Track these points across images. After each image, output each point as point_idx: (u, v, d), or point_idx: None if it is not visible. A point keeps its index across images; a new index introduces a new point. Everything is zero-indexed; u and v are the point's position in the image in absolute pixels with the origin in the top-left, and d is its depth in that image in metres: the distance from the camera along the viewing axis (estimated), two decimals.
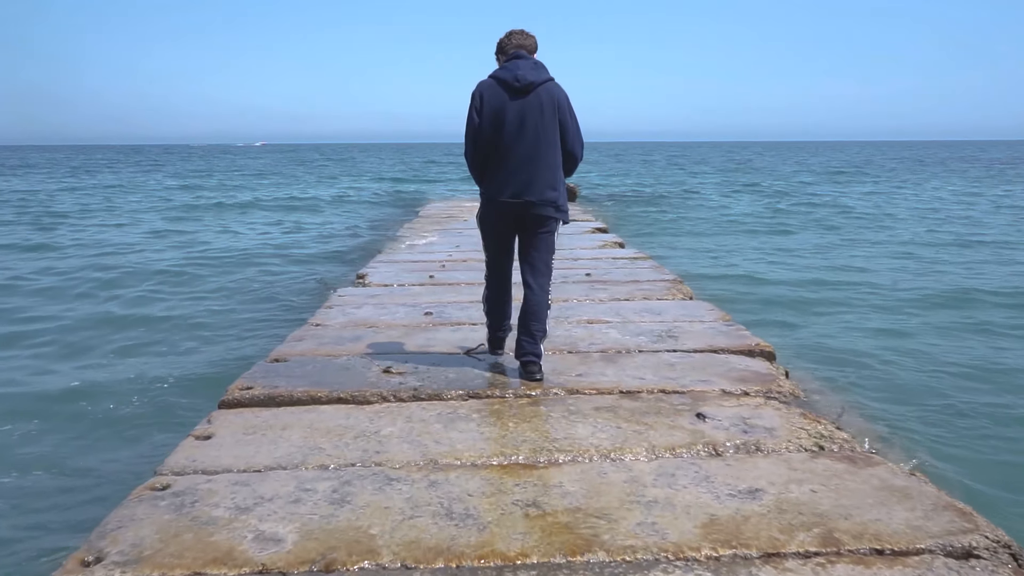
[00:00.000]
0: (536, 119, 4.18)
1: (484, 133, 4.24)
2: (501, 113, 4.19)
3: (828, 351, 7.29)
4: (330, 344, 5.20)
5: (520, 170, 4.21)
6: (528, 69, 4.22)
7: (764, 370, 4.56)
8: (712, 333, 5.39)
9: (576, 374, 4.46)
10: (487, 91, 4.25)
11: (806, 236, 16.80)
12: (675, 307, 6.31)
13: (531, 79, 4.19)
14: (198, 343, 7.55)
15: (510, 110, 4.18)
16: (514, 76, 4.20)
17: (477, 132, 4.26)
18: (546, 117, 4.19)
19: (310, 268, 11.72)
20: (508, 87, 4.21)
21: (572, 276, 7.79)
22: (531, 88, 4.19)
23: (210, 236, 16.66)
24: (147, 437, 5.11)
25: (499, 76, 4.25)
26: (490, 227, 4.47)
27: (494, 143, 4.25)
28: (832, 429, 3.66)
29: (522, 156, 4.20)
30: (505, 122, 4.19)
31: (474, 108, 4.25)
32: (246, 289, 10.18)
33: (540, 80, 4.21)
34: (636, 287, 7.18)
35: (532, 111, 4.18)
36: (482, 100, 4.24)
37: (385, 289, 7.25)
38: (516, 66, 4.24)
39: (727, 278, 11.25)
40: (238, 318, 8.39)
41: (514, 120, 4.18)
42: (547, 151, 4.22)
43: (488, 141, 4.25)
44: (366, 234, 16.50)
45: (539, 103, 4.18)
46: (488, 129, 4.23)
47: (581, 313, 6.09)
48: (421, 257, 9.43)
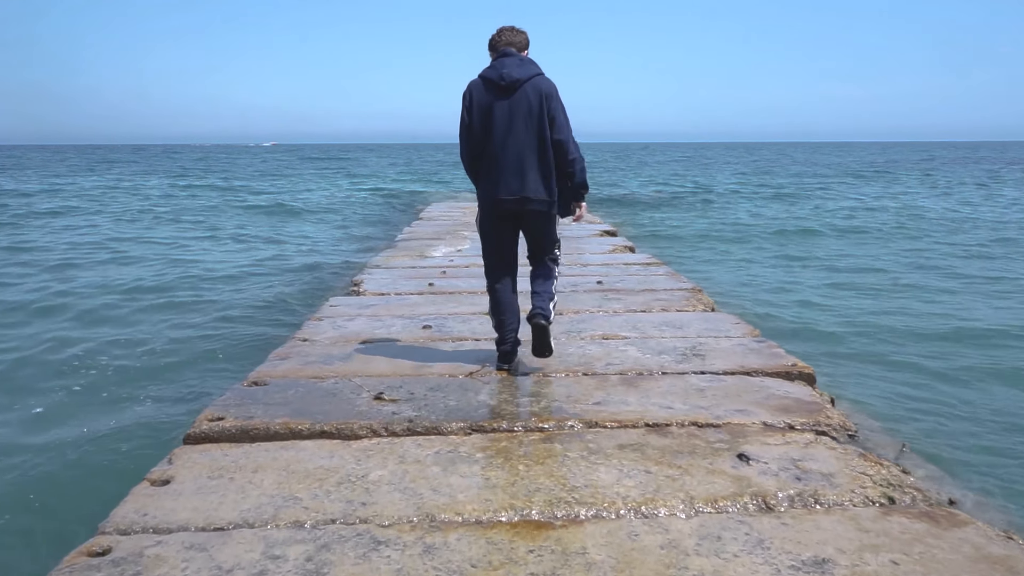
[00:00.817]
0: (524, 116, 4.19)
1: (475, 132, 4.28)
2: (489, 112, 4.22)
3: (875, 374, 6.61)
4: (317, 363, 4.66)
5: (513, 168, 4.22)
6: (514, 67, 4.23)
7: (807, 397, 4.02)
8: (742, 351, 4.84)
9: (594, 402, 3.91)
10: (476, 91, 4.28)
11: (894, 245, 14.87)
12: (697, 320, 5.76)
13: (516, 76, 4.19)
14: (174, 362, 6.88)
15: (498, 109, 4.21)
16: (499, 75, 4.21)
17: (468, 132, 4.30)
18: (534, 113, 4.19)
19: (302, 275, 11.14)
20: (495, 86, 4.23)
21: (583, 284, 7.25)
22: (517, 85, 4.20)
23: (195, 242, 16.13)
24: (101, 479, 4.41)
25: (486, 75, 4.28)
26: (489, 228, 4.44)
27: (485, 142, 4.27)
28: (899, 474, 3.12)
29: (513, 154, 4.21)
30: (494, 121, 4.22)
31: (464, 108, 4.29)
32: (230, 301, 9.55)
33: (526, 76, 4.21)
34: (652, 297, 6.63)
35: (520, 109, 4.19)
36: (471, 99, 4.28)
37: (381, 299, 6.70)
38: (502, 64, 4.25)
39: (749, 286, 10.61)
40: (217, 334, 7.78)
41: (502, 118, 4.20)
42: (539, 147, 4.22)
43: (479, 140, 4.28)
44: (363, 237, 15.96)
45: (526, 100, 4.19)
46: (479, 128, 4.27)
47: (595, 327, 5.55)
48: (420, 263, 8.88)
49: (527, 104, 4.19)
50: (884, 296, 9.74)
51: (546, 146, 4.23)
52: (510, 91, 4.20)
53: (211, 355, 6.89)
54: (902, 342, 7.40)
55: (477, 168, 4.38)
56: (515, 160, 4.22)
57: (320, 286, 9.87)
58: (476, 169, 4.39)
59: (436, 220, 14.72)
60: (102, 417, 5.43)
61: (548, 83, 4.27)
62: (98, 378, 6.36)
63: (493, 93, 4.23)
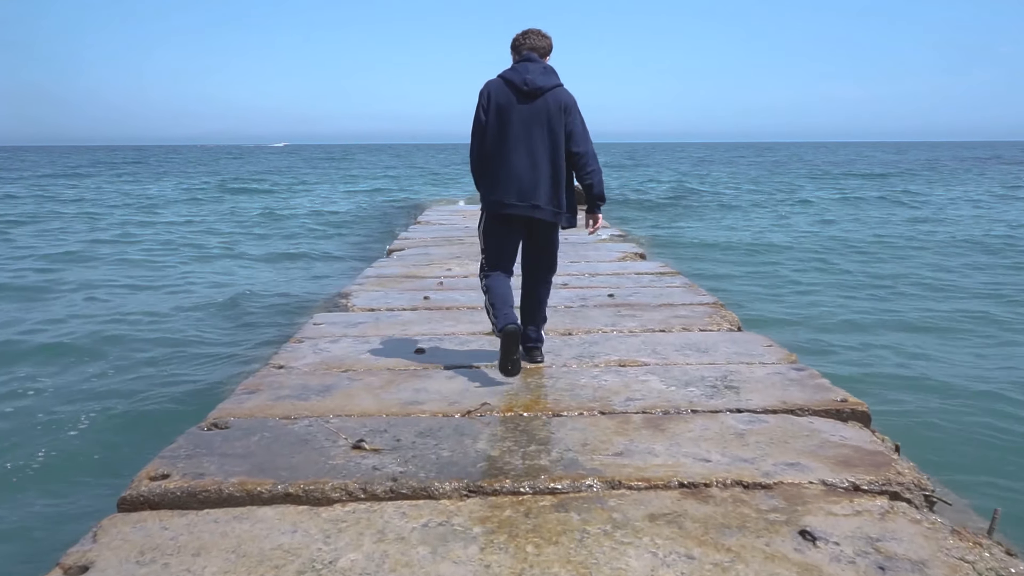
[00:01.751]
0: (542, 125, 4.16)
1: (490, 134, 4.23)
2: (507, 115, 4.18)
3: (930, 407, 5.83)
4: (290, 398, 4.02)
5: (525, 174, 4.17)
6: (538, 73, 4.19)
7: (867, 444, 3.38)
8: (781, 382, 4.20)
9: (615, 451, 3.27)
10: (495, 90, 4.22)
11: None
12: (723, 341, 5.12)
13: (540, 84, 4.16)
14: (135, 392, 6.13)
15: (516, 113, 4.17)
16: (523, 79, 4.16)
17: (483, 132, 4.25)
18: (552, 123, 4.16)
19: (294, 284, 10.49)
20: (516, 90, 4.18)
21: (593, 298, 6.61)
22: (539, 93, 4.16)
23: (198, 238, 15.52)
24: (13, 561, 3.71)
25: (508, 77, 4.22)
26: (493, 232, 4.37)
27: (498, 144, 4.22)
28: (1004, 557, 2.48)
29: (527, 161, 4.16)
30: (510, 124, 4.17)
31: (481, 107, 4.23)
32: (205, 315, 8.88)
33: (549, 86, 4.18)
34: (671, 313, 5.99)
35: (538, 117, 4.16)
36: (489, 99, 4.22)
37: (370, 316, 6.06)
38: (526, 69, 4.20)
39: (776, 301, 9.84)
40: (188, 357, 7.06)
41: (520, 124, 4.16)
42: (553, 157, 4.19)
43: (492, 142, 4.23)
44: (358, 243, 15.33)
45: (546, 109, 4.16)
46: (494, 130, 4.22)
47: (609, 350, 4.91)
48: (415, 272, 8.24)
49: (547, 114, 4.16)
50: (945, 332, 8.21)
51: (560, 157, 4.20)
52: (531, 98, 4.17)
53: (177, 385, 6.20)
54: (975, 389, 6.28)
55: (484, 169, 4.31)
56: (528, 167, 4.17)
57: (308, 298, 9.22)
58: (483, 170, 4.32)
59: (434, 225, 14.08)
60: (48, 459, 4.81)
61: (568, 95, 4.24)
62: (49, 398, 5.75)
63: (514, 97, 4.18)
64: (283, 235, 16.86)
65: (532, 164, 4.17)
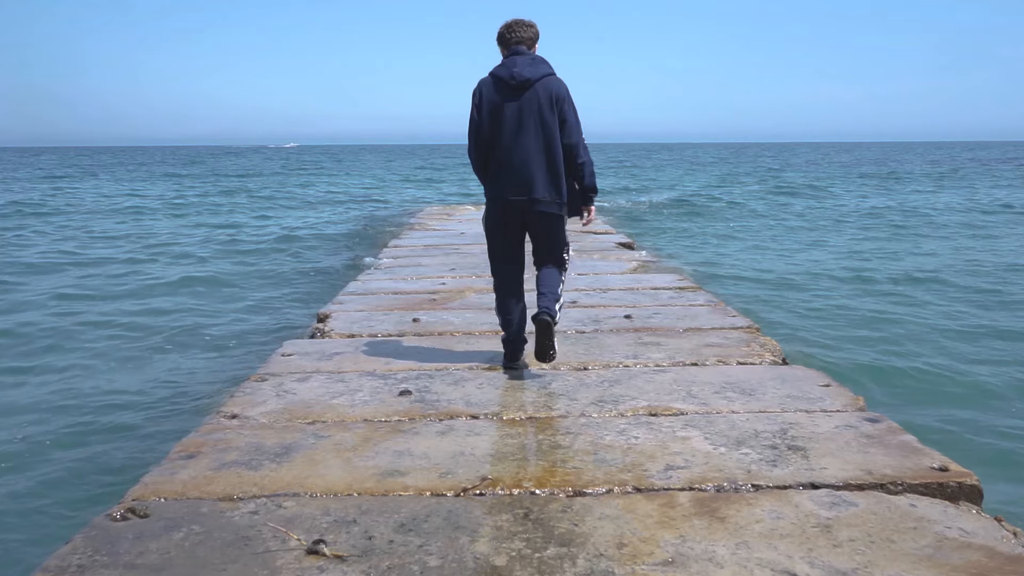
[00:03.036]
0: (535, 116, 4.15)
1: (484, 131, 4.24)
2: (499, 111, 4.19)
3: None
4: (237, 466, 3.15)
5: (522, 168, 4.18)
6: (525, 65, 4.18)
7: (998, 540, 2.52)
8: (855, 439, 3.35)
9: (663, 559, 2.41)
10: (486, 89, 4.24)
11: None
12: (770, 379, 4.26)
13: (527, 76, 4.15)
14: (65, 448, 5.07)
15: (508, 108, 4.17)
16: (510, 73, 4.16)
17: (478, 130, 4.26)
18: (544, 114, 4.16)
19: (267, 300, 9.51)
20: (505, 85, 4.18)
21: (608, 319, 5.75)
22: (528, 85, 4.16)
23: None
24: None
25: (497, 74, 4.24)
26: (496, 227, 4.36)
27: (494, 141, 4.24)
28: None
29: (522, 154, 4.18)
30: (504, 120, 4.18)
31: (474, 106, 4.25)
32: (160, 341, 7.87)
33: (537, 76, 4.17)
34: (701, 339, 5.13)
35: (530, 109, 4.15)
36: (481, 98, 4.23)
37: (349, 344, 5.18)
38: (514, 63, 4.20)
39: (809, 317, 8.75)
40: (123, 399, 5.93)
41: (512, 118, 4.17)
42: (548, 147, 4.18)
43: (488, 139, 4.25)
44: (345, 247, 14.46)
45: (536, 100, 4.16)
46: (488, 127, 4.23)
47: (635, 391, 4.05)
48: (405, 286, 7.37)
49: (537, 104, 4.15)
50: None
51: (555, 147, 4.18)
52: (520, 90, 4.16)
53: (105, 444, 5.10)
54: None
55: (484, 166, 4.34)
56: (523, 160, 4.17)
57: (284, 320, 8.26)
58: (484, 168, 4.34)
59: (427, 231, 13.20)
60: None
61: (559, 84, 4.22)
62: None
63: (503, 92, 4.18)
64: (267, 241, 15.94)
65: (527, 157, 4.16)
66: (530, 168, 4.17)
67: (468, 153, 4.36)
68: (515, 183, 4.19)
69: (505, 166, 4.21)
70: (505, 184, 4.22)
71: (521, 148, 4.15)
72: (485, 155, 4.29)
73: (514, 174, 4.18)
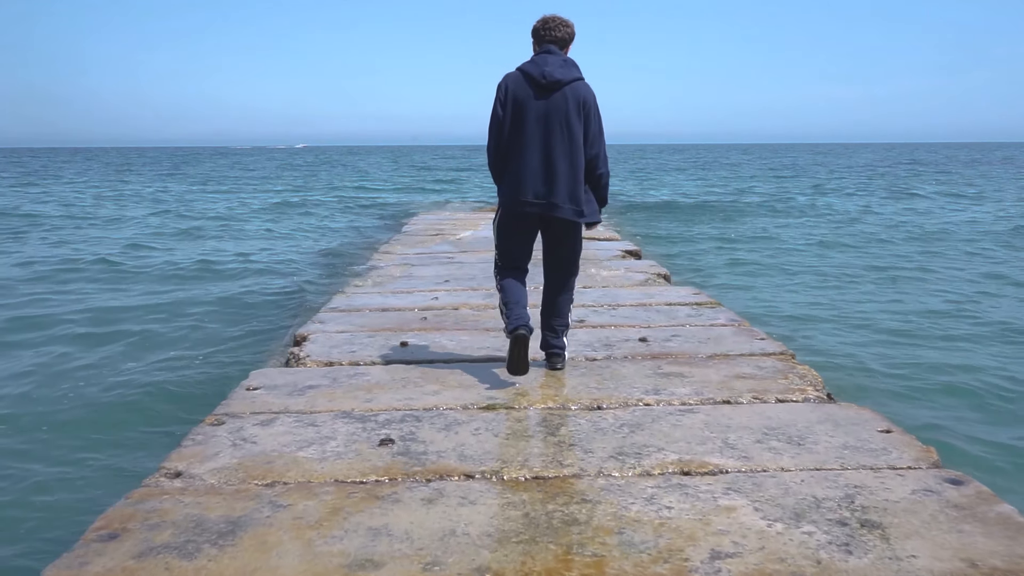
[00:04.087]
0: (561, 119, 4.03)
1: (507, 128, 4.12)
2: (524, 109, 4.06)
3: None
4: (167, 552, 2.48)
5: (542, 171, 4.05)
6: (557, 66, 4.07)
7: None
8: (940, 510, 2.70)
9: None
10: (512, 84, 4.11)
11: None
12: (818, 422, 3.61)
13: (558, 77, 4.03)
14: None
15: (534, 108, 4.05)
16: (541, 72, 4.04)
17: (499, 127, 4.13)
18: (571, 118, 4.04)
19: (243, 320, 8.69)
20: (534, 83, 4.06)
21: (620, 342, 5.08)
22: (557, 87, 4.04)
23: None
24: None
25: (526, 70, 4.10)
26: (508, 230, 4.25)
27: (515, 140, 4.10)
28: None
29: (544, 157, 4.04)
30: (527, 119, 4.06)
31: (499, 101, 4.12)
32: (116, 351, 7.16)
33: (568, 79, 4.06)
34: (730, 369, 4.47)
35: (557, 111, 4.03)
36: (507, 93, 4.10)
37: (327, 374, 4.52)
38: (545, 61, 4.09)
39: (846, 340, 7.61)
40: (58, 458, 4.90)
41: (537, 118, 4.04)
42: (571, 152, 4.05)
43: (510, 136, 4.12)
44: (337, 252, 13.78)
45: (564, 103, 4.04)
46: (511, 124, 4.10)
47: (661, 440, 3.39)
48: (395, 301, 6.70)
49: (565, 108, 4.04)
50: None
51: (579, 153, 4.06)
52: (549, 91, 4.04)
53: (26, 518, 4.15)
54: None
55: (502, 166, 4.19)
56: (545, 163, 4.05)
57: (256, 342, 7.51)
58: (501, 166, 4.20)
59: (422, 236, 12.52)
60: None
61: (588, 90, 4.13)
62: None
63: (531, 90, 4.06)
64: (243, 239, 15.23)
65: (550, 161, 4.03)
66: (552, 172, 4.03)
67: (487, 149, 4.21)
68: (535, 186, 4.05)
69: (525, 167, 4.05)
70: (524, 187, 4.06)
71: (544, 150, 4.02)
72: (504, 153, 4.14)
73: (534, 176, 4.04)
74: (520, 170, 4.07)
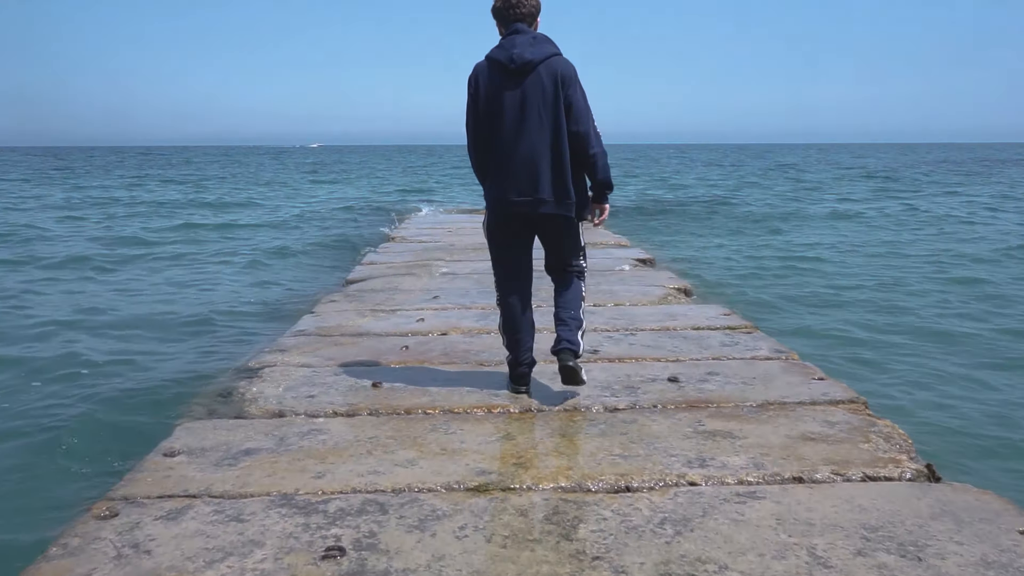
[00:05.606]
0: (538, 104, 3.60)
1: (483, 124, 3.71)
2: (498, 100, 3.64)
3: None
4: None
5: (525, 165, 3.63)
6: (526, 46, 3.61)
7: None
8: None
9: None
10: (482, 76, 3.70)
11: None
12: (930, 516, 2.62)
13: (529, 57, 3.59)
14: None
15: (508, 96, 3.63)
16: (509, 56, 3.61)
17: (475, 124, 3.73)
18: (549, 100, 3.60)
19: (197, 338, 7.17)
20: (503, 69, 3.63)
21: (645, 383, 4.09)
22: (529, 69, 3.60)
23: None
24: None
25: (493, 57, 3.68)
26: (499, 236, 3.82)
27: (494, 135, 3.68)
28: None
29: (527, 148, 3.62)
30: (504, 110, 3.63)
31: (471, 96, 3.72)
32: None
33: (540, 57, 3.61)
34: (790, 425, 3.48)
35: (533, 95, 3.60)
36: (477, 86, 3.69)
37: (274, 431, 3.51)
38: (512, 43, 3.64)
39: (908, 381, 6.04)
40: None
41: (514, 107, 3.62)
42: (554, 140, 3.62)
43: (487, 132, 3.70)
44: (317, 267, 12.75)
45: (540, 85, 3.60)
46: (486, 119, 3.69)
47: (720, 551, 2.40)
48: (372, 325, 5.69)
49: (541, 90, 3.60)
50: None
51: (562, 139, 3.62)
52: (522, 75, 3.60)
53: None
54: None
55: (483, 164, 3.80)
56: (527, 156, 3.62)
57: (197, 378, 5.63)
58: (484, 166, 3.80)
59: (411, 243, 11.50)
60: None
61: (566, 64, 3.66)
62: None
63: (502, 78, 3.63)
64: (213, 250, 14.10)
65: (531, 152, 3.62)
66: (535, 164, 3.62)
67: (468, 151, 3.84)
68: (518, 183, 3.65)
69: (506, 164, 3.66)
70: (507, 185, 3.67)
71: (524, 142, 3.60)
72: (485, 152, 3.76)
73: (517, 172, 3.64)
74: (502, 167, 3.67)
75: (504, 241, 3.83)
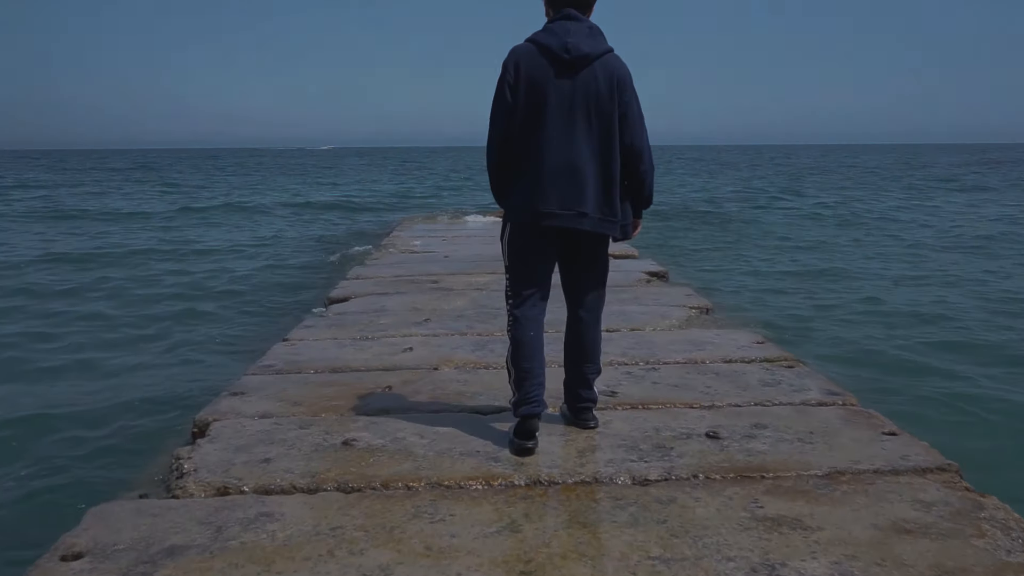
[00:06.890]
0: (590, 104, 3.13)
1: (519, 118, 3.16)
2: (542, 93, 3.12)
3: None
4: None
5: (570, 173, 3.14)
6: (582, 36, 3.13)
7: None
8: None
9: None
10: (525, 61, 3.14)
11: None
12: None
13: (586, 51, 3.11)
14: None
15: (555, 91, 3.12)
16: (563, 45, 3.11)
17: (509, 116, 3.16)
18: (603, 103, 3.14)
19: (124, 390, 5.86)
20: (554, 59, 3.11)
21: (678, 440, 3.32)
22: (585, 63, 3.12)
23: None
24: None
25: (542, 41, 3.14)
26: (523, 250, 3.26)
27: (532, 132, 3.14)
28: None
29: (573, 154, 3.13)
30: (548, 106, 3.12)
31: (506, 83, 3.16)
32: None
33: (597, 52, 3.14)
34: (873, 505, 2.72)
35: (586, 94, 3.12)
36: (517, 73, 3.14)
37: (212, 513, 2.74)
38: (566, 30, 3.13)
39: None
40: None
41: (561, 105, 3.12)
42: (605, 149, 3.16)
43: (523, 128, 3.16)
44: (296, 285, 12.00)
45: (595, 84, 3.12)
46: (524, 113, 3.14)
47: None
48: (351, 356, 4.92)
49: (596, 90, 3.12)
50: None
51: (613, 149, 3.17)
52: (574, 69, 3.11)
53: None
54: None
55: (510, 166, 3.23)
56: (572, 163, 3.13)
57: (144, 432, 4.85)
58: (508, 167, 3.24)
59: (403, 254, 10.71)
60: None
61: (622, 65, 3.20)
62: None
63: (551, 69, 3.11)
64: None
65: (578, 159, 3.13)
66: (581, 173, 3.15)
67: (488, 147, 3.26)
68: (559, 193, 3.15)
69: (544, 168, 3.15)
70: (543, 194, 3.15)
71: (570, 146, 3.12)
72: (513, 152, 3.23)
73: (557, 180, 3.14)
74: (539, 172, 3.15)
75: (531, 257, 3.30)
